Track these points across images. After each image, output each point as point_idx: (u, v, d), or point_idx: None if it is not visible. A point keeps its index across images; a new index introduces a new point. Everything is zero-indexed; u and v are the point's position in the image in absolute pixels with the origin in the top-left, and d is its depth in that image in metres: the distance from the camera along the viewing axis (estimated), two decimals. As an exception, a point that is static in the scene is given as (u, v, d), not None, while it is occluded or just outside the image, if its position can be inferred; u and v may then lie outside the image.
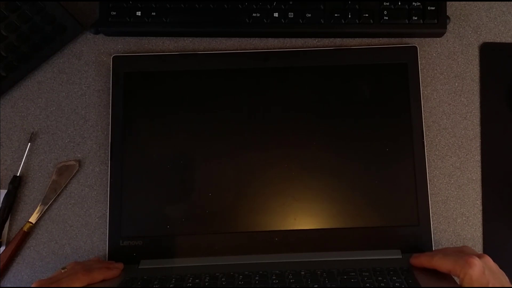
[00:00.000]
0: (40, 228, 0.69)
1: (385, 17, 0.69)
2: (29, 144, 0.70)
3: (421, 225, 0.66)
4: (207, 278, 0.59)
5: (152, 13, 0.70)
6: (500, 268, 0.56)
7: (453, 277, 0.57)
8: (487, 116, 0.70)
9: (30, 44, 0.70)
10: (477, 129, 0.70)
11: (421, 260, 0.59)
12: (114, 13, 0.70)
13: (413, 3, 0.69)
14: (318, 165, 0.67)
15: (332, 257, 0.64)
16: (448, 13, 0.71)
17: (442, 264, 0.56)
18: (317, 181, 0.67)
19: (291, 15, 0.69)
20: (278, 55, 0.70)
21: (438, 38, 0.72)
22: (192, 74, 0.70)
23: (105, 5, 0.70)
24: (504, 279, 0.54)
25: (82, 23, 0.72)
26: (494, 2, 0.73)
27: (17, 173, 0.69)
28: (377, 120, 0.68)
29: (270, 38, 0.72)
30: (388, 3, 0.69)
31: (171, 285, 0.58)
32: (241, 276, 0.59)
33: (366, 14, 0.69)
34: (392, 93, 0.69)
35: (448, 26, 0.71)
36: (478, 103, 0.71)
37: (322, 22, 0.69)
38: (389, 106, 0.68)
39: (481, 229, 0.68)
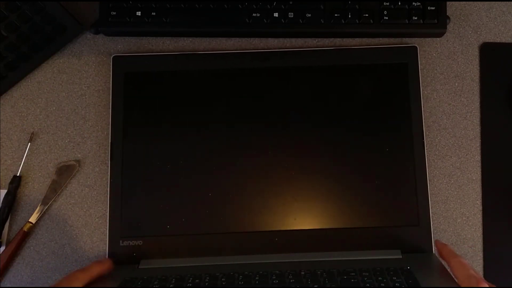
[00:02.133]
0: (40, 228, 0.69)
1: (385, 17, 0.69)
2: (29, 144, 0.70)
3: (421, 225, 0.66)
4: (207, 278, 0.59)
5: (152, 13, 0.70)
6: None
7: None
8: (487, 116, 0.70)
9: (30, 44, 0.70)
10: (477, 129, 0.70)
11: (443, 252, 0.59)
12: (114, 13, 0.70)
13: (413, 3, 0.69)
14: (318, 165, 0.67)
15: (332, 257, 0.64)
16: (448, 13, 0.71)
17: (458, 270, 0.55)
18: (317, 181, 0.67)
19: (291, 15, 0.69)
20: (278, 55, 0.70)
21: (438, 38, 0.72)
22: (192, 74, 0.70)
23: (105, 5, 0.70)
24: None
25: (82, 23, 0.72)
26: (494, 2, 0.73)
27: (17, 173, 0.69)
28: (377, 120, 0.68)
29: (270, 38, 0.72)
30: (388, 3, 0.69)
31: (171, 285, 0.58)
32: (241, 276, 0.59)
33: (366, 14, 0.69)
34: (392, 93, 0.69)
35: (448, 26, 0.71)
36: (478, 103, 0.71)
37: (322, 22, 0.69)
38: (389, 106, 0.68)
39: (481, 229, 0.68)
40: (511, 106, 0.70)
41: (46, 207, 0.69)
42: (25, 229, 0.68)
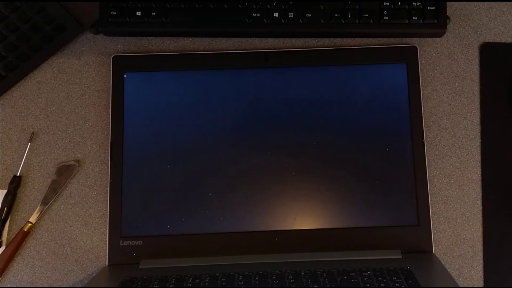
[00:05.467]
0: (40, 228, 0.69)
1: (385, 17, 0.69)
2: (29, 144, 0.70)
3: (421, 225, 0.66)
4: (207, 278, 0.59)
5: (152, 13, 0.70)
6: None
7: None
8: (487, 116, 0.70)
9: (30, 44, 0.70)
10: (477, 129, 0.70)
11: None
12: (114, 13, 0.70)
13: (413, 3, 0.69)
14: (318, 165, 0.67)
15: (332, 257, 0.64)
16: (448, 13, 0.71)
17: None
18: (317, 181, 0.67)
19: (291, 15, 0.69)
20: (278, 55, 0.70)
21: (438, 38, 0.72)
22: (192, 74, 0.70)
23: (105, 5, 0.70)
24: None
25: (82, 23, 0.72)
26: (494, 2, 0.73)
27: (17, 173, 0.69)
28: (377, 120, 0.68)
29: (270, 38, 0.72)
30: (388, 3, 0.69)
31: (171, 285, 0.58)
32: (241, 276, 0.59)
33: (366, 14, 0.69)
34: (392, 93, 0.69)
35: (448, 26, 0.71)
36: (478, 103, 0.71)
37: (322, 22, 0.69)
38: (389, 106, 0.68)
39: (481, 229, 0.68)
40: (511, 106, 0.70)
41: (46, 207, 0.69)
42: (25, 229, 0.68)
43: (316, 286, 0.56)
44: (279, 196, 0.67)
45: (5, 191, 0.69)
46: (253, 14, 0.69)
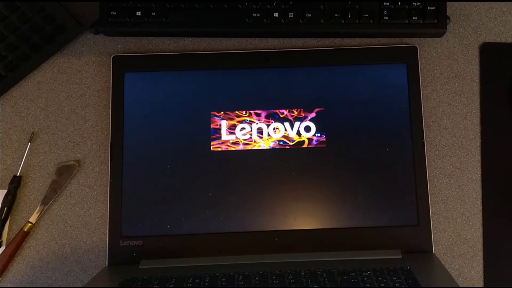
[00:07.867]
0: (40, 228, 0.69)
1: (385, 17, 0.69)
2: (29, 144, 0.70)
3: (421, 225, 0.66)
4: (207, 278, 0.59)
5: (152, 13, 0.70)
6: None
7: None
8: (487, 116, 0.70)
9: (30, 44, 0.70)
10: (477, 129, 0.70)
11: None
12: (114, 13, 0.70)
13: (413, 3, 0.69)
14: (318, 165, 0.67)
15: (332, 257, 0.64)
16: (448, 13, 0.71)
17: None
18: (317, 181, 0.67)
19: (291, 15, 0.69)
20: (278, 55, 0.70)
21: (438, 38, 0.72)
22: (192, 74, 0.70)
23: (105, 5, 0.70)
24: None
25: (82, 23, 0.72)
26: (494, 2, 0.73)
27: (17, 173, 0.69)
28: (377, 120, 0.68)
29: (270, 38, 0.72)
30: (388, 3, 0.69)
31: (171, 285, 0.58)
32: (241, 276, 0.59)
33: (366, 14, 0.69)
34: (392, 93, 0.69)
35: (448, 26, 0.71)
36: (478, 103, 0.71)
37: (322, 22, 0.69)
38: (389, 106, 0.68)
39: (481, 229, 0.68)
40: (511, 106, 0.70)
41: (46, 207, 0.69)
42: (25, 229, 0.68)
43: (316, 286, 0.56)
44: (279, 196, 0.67)
45: (5, 191, 0.69)
46: (253, 14, 0.69)
